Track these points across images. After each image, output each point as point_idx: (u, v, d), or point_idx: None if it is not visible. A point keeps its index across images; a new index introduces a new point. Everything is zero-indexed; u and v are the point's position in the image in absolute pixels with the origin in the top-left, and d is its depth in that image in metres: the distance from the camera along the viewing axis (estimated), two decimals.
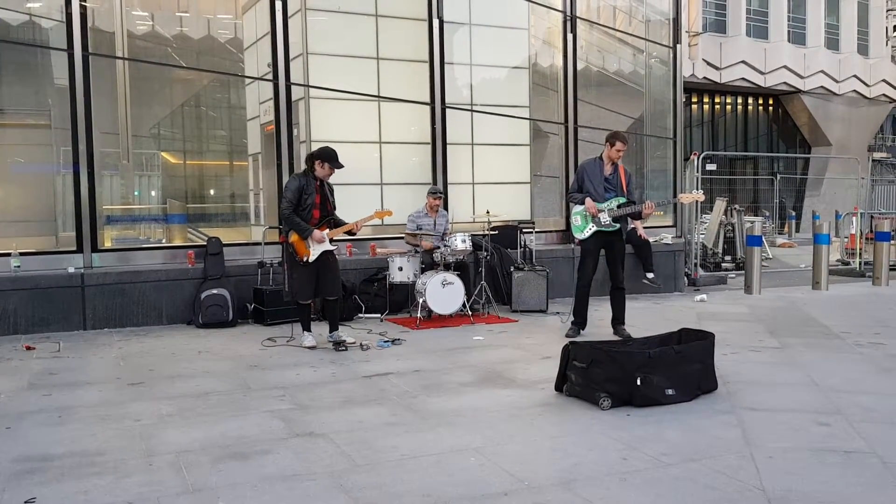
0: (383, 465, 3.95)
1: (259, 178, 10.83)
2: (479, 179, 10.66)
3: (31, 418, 4.87)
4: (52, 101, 9.14)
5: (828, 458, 4.01)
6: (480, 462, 3.98)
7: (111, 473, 3.86)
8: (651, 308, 9.47)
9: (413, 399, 5.23)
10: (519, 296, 9.09)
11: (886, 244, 12.14)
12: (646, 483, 3.68)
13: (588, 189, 7.35)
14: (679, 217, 12.06)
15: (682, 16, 12.46)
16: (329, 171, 6.89)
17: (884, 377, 5.81)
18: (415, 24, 10.18)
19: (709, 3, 27.73)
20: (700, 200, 8.56)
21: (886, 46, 33.28)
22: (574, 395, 5.16)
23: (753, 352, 6.72)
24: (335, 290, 7.10)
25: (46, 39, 9.06)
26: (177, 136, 11.74)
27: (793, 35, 29.44)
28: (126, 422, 4.76)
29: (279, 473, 3.84)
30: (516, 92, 11.06)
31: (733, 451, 4.12)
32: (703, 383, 5.24)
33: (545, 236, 10.89)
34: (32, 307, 7.85)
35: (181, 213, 10.75)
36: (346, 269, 8.70)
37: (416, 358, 6.61)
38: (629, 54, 12.95)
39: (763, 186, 28.13)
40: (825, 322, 8.27)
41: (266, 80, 9.62)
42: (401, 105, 10.01)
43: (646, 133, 12.56)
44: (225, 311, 8.27)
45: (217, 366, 6.38)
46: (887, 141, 34.58)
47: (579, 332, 7.50)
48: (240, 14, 10.83)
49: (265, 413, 4.93)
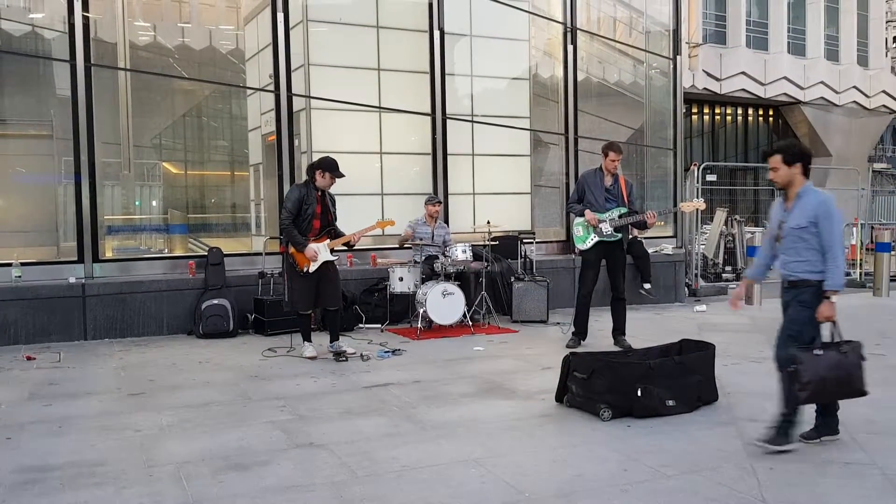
0: (383, 476, 3.95)
1: (260, 188, 10.84)
2: (479, 190, 10.67)
3: (32, 429, 4.87)
4: (53, 112, 9.17)
5: (828, 470, 4.01)
6: (481, 473, 3.98)
7: (111, 484, 3.85)
8: (652, 319, 9.47)
9: (413, 410, 5.23)
10: (519, 306, 9.09)
11: (887, 255, 12.14)
12: (646, 495, 3.68)
13: (589, 200, 7.36)
14: (679, 227, 12.07)
15: (681, 27, 12.51)
16: (330, 181, 6.90)
17: (884, 388, 5.79)
18: (416, 36, 10.22)
19: (709, 14, 27.82)
20: (701, 209, 8.57)
21: (886, 57, 33.37)
22: (575, 406, 5.16)
23: (754, 363, 6.71)
24: (336, 300, 7.10)
25: (49, 50, 9.10)
26: (178, 146, 11.76)
27: (793, 46, 29.51)
28: (126, 432, 4.76)
29: (279, 484, 3.83)
30: (517, 102, 11.08)
31: (734, 462, 4.12)
32: (704, 394, 5.24)
33: (545, 246, 10.90)
34: (33, 317, 7.85)
35: (182, 224, 10.75)
36: (347, 279, 8.71)
37: (416, 368, 6.60)
38: (629, 65, 12.99)
39: (763, 197, 28.13)
40: (825, 333, 8.24)
41: (267, 90, 9.65)
42: (401, 116, 10.03)
43: (646, 144, 12.58)
44: (225, 321, 8.27)
45: (217, 376, 6.38)
46: (887, 151, 34.62)
47: (580, 342, 7.50)
48: (241, 25, 10.87)
49: (265, 424, 4.93)
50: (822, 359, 4.19)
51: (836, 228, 4.26)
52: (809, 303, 4.32)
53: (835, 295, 4.27)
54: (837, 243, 4.26)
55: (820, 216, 4.28)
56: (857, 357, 4.29)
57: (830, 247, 4.27)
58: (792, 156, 4.38)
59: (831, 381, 4.19)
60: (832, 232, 4.25)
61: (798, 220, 4.35)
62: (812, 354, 4.20)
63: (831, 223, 4.25)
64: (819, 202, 4.32)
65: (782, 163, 4.38)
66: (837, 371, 4.20)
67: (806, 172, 4.41)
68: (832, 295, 4.27)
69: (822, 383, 4.17)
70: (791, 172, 4.38)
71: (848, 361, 4.24)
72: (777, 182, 4.44)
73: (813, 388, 4.18)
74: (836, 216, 4.28)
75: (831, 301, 4.27)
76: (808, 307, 4.33)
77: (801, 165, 4.38)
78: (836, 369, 4.20)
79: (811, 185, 4.41)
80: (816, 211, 4.30)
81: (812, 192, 4.37)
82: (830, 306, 4.27)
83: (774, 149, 4.46)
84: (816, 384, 4.17)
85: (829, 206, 4.30)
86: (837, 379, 4.20)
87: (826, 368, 4.18)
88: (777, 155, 4.40)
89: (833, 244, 4.26)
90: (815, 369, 4.17)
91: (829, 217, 4.27)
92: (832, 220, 4.26)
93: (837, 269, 4.26)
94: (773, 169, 4.40)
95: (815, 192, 4.38)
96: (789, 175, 4.39)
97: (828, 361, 4.19)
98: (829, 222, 4.26)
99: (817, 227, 4.28)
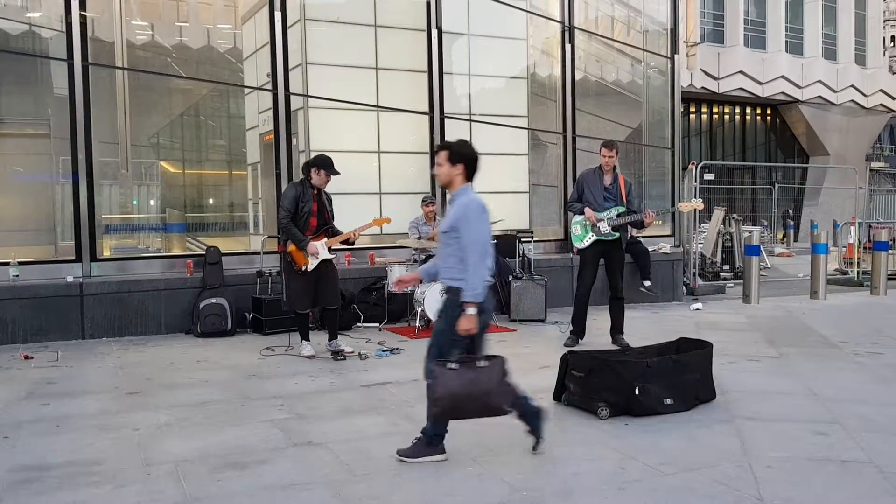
0: (381, 474, 3.95)
1: (258, 187, 10.85)
2: (477, 189, 10.64)
3: (29, 428, 4.86)
4: (51, 111, 9.17)
5: (826, 468, 4.01)
6: (478, 472, 3.98)
7: (109, 483, 3.85)
8: (649, 317, 9.47)
9: (411, 409, 5.23)
10: (517, 305, 9.09)
11: (884, 254, 12.15)
12: (644, 493, 3.68)
13: (588, 199, 7.37)
14: (677, 226, 12.07)
15: (679, 26, 12.50)
16: (325, 178, 6.90)
17: (882, 387, 5.81)
18: (414, 35, 10.21)
19: (707, 13, 27.84)
20: (699, 209, 8.58)
21: (883, 57, 33.43)
22: (572, 405, 5.16)
23: (751, 361, 6.72)
24: (334, 299, 7.10)
25: (46, 49, 9.09)
26: (176, 145, 11.76)
27: (790, 45, 29.55)
28: (124, 431, 4.75)
29: (277, 483, 3.84)
30: (515, 102, 11.09)
31: (731, 460, 4.12)
32: (702, 393, 5.25)
33: (543, 245, 10.90)
34: (31, 316, 7.84)
35: (180, 223, 10.76)
36: (345, 278, 8.70)
37: (414, 367, 6.57)
38: (627, 64, 12.99)
39: (762, 196, 28.17)
40: (823, 332, 8.28)
41: (265, 89, 9.65)
42: (399, 115, 10.03)
43: (644, 143, 12.59)
44: (223, 320, 8.27)
45: (215, 375, 6.38)
46: (885, 150, 34.68)
47: (578, 341, 7.50)
48: (239, 24, 10.87)
49: (263, 422, 4.93)
50: (456, 374, 3.89)
51: (475, 234, 3.98)
52: (451, 313, 4.04)
53: (472, 307, 3.94)
54: (475, 251, 3.96)
55: (459, 220, 4.03)
56: (499, 374, 3.99)
57: (466, 254, 3.97)
58: (457, 155, 4.15)
59: (463, 398, 3.90)
60: (469, 238, 3.97)
61: (445, 224, 4.13)
62: (446, 369, 3.92)
63: (469, 228, 3.99)
64: (461, 205, 4.07)
65: (447, 160, 4.15)
66: (471, 388, 3.89)
67: (469, 175, 4.18)
68: (469, 307, 3.94)
69: (454, 399, 3.90)
70: (452, 172, 4.15)
71: (485, 378, 3.93)
72: (439, 179, 4.24)
73: (445, 404, 3.94)
74: (475, 221, 4.01)
75: (468, 314, 3.94)
76: (450, 317, 4.04)
77: (464, 167, 4.14)
78: (471, 386, 3.89)
79: (468, 189, 4.17)
80: (457, 214, 4.06)
81: (462, 196, 4.13)
82: (468, 319, 3.94)
83: (442, 145, 4.27)
84: (449, 400, 3.91)
85: (468, 210, 4.04)
86: (470, 396, 3.90)
87: (459, 385, 3.88)
88: (444, 151, 4.18)
89: (469, 251, 3.97)
90: (447, 385, 3.89)
91: (466, 221, 4.01)
92: (469, 225, 3.99)
93: (474, 278, 3.94)
94: (438, 164, 4.17)
95: (466, 195, 4.13)
96: (450, 175, 4.15)
97: (461, 377, 3.90)
98: (467, 227, 3.99)
99: (458, 233, 4.03)
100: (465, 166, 4.17)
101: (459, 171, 4.17)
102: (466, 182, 4.20)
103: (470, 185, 4.22)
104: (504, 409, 4.06)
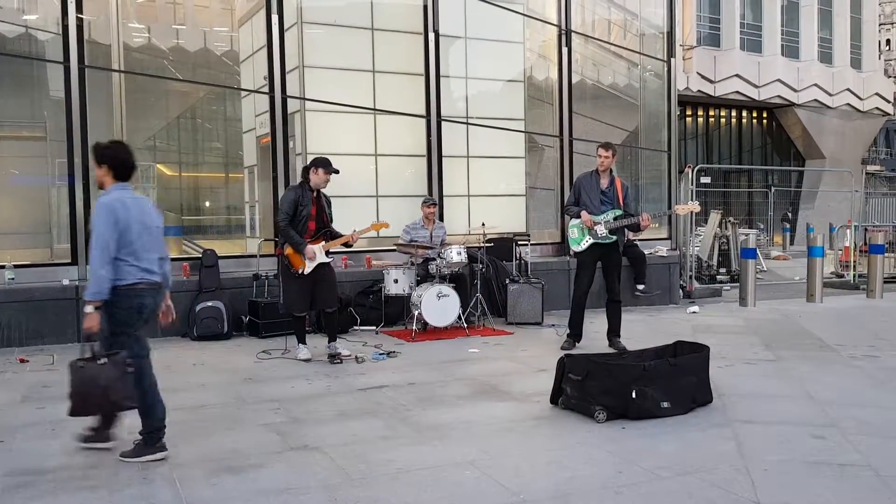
0: (378, 478, 3.94)
1: (254, 190, 10.83)
2: (474, 192, 10.67)
3: (25, 431, 4.85)
4: (47, 114, 9.14)
5: (822, 471, 4.01)
6: (476, 475, 3.97)
7: (105, 487, 3.84)
8: (646, 321, 9.48)
9: (408, 412, 5.22)
10: (514, 308, 9.09)
11: (880, 257, 12.18)
12: (641, 497, 3.68)
13: (584, 202, 7.37)
14: (674, 230, 12.09)
15: (676, 30, 12.53)
16: (324, 177, 6.89)
17: (878, 390, 5.82)
18: (411, 38, 10.22)
19: (703, 17, 27.93)
20: (696, 212, 8.59)
21: (879, 60, 33.58)
22: (569, 408, 5.16)
23: (748, 364, 6.73)
24: (332, 301, 7.08)
25: (42, 52, 9.06)
26: (172, 148, 11.73)
27: (786, 49, 29.64)
28: (119, 435, 4.73)
29: (273, 487, 3.82)
30: (511, 105, 11.09)
31: (728, 463, 4.12)
32: (699, 396, 5.25)
33: (540, 248, 10.90)
34: (26, 319, 7.82)
35: (176, 226, 10.74)
36: (342, 281, 8.67)
37: (411, 370, 6.60)
38: (624, 68, 13.01)
39: (758, 199, 28.24)
40: (820, 335, 8.29)
41: (262, 92, 9.64)
42: (396, 118, 10.03)
43: (640, 146, 12.61)
44: (220, 323, 8.25)
45: (212, 378, 6.36)
46: (880, 154, 34.80)
47: (575, 344, 7.50)
48: (236, 27, 10.85)
49: (260, 426, 4.91)
50: (83, 371, 4.05)
51: (96, 233, 4.04)
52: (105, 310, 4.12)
53: (91, 305, 4.01)
54: (95, 248, 4.03)
55: (92, 218, 4.15)
56: (120, 370, 4.09)
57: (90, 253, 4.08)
58: (100, 155, 4.26)
59: (88, 394, 4.06)
60: (94, 237, 4.06)
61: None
62: (77, 366, 4.07)
63: (95, 227, 4.07)
64: (97, 203, 4.19)
65: (94, 160, 4.29)
66: (93, 385, 4.04)
67: (118, 176, 4.24)
68: (89, 305, 4.02)
69: (83, 396, 4.07)
70: (100, 173, 4.26)
71: (105, 375, 4.04)
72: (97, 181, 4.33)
73: (77, 400, 4.08)
74: (99, 220, 4.07)
75: (87, 311, 4.02)
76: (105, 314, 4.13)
77: (108, 167, 4.23)
78: (91, 382, 4.04)
79: (116, 189, 4.22)
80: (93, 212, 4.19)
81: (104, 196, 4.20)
82: (88, 317, 4.03)
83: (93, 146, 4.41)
84: (79, 396, 4.07)
85: (98, 209, 4.13)
86: (92, 392, 4.05)
87: (81, 382, 4.05)
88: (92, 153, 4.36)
89: (92, 249, 4.05)
90: (77, 381, 4.06)
91: (95, 218, 4.10)
92: (95, 225, 4.08)
93: (92, 276, 4.04)
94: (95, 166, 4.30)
95: (103, 196, 4.21)
96: (99, 176, 4.27)
97: (84, 374, 4.04)
98: (94, 227, 4.09)
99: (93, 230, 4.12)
100: (109, 166, 4.25)
101: (105, 172, 4.26)
102: (118, 182, 4.27)
103: (122, 184, 4.28)
104: (124, 405, 4.20)
